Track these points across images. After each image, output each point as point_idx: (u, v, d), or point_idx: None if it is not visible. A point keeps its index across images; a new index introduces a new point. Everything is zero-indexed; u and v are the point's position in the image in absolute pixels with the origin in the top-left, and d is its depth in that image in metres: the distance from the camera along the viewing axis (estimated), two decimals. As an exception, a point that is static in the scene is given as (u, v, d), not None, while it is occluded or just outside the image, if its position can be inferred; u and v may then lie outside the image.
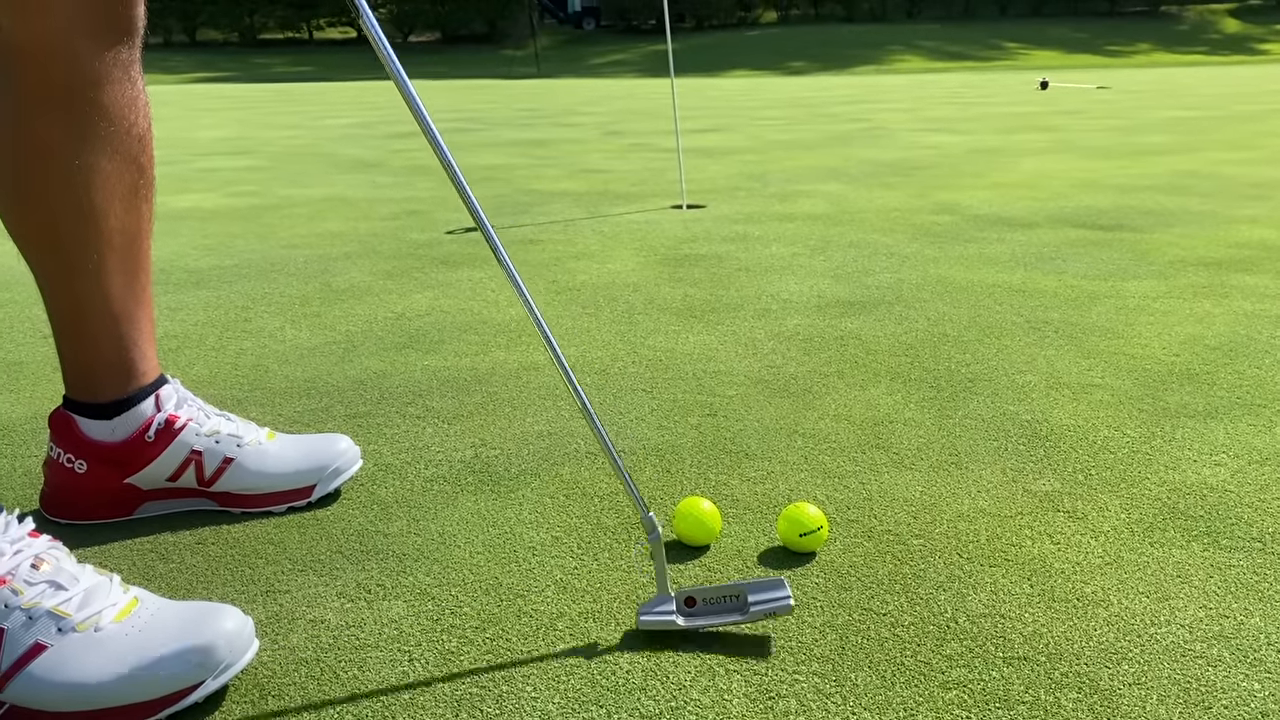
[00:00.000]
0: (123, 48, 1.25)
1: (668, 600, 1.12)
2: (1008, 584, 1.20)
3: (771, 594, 1.12)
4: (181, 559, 1.30)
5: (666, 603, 1.12)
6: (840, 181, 4.88)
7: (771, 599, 1.11)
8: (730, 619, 1.11)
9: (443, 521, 1.38)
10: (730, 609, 1.12)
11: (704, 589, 1.13)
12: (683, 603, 1.12)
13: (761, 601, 1.11)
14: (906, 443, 1.63)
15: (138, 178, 1.32)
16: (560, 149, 6.90)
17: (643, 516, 1.11)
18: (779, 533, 1.29)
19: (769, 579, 1.14)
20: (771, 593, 1.12)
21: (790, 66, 34.46)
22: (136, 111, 1.30)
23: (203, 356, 2.18)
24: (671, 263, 3.05)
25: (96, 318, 1.33)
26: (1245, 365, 1.98)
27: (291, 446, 1.45)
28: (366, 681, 1.04)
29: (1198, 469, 1.51)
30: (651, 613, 1.12)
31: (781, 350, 2.14)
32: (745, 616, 1.11)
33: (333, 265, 3.11)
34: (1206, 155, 5.77)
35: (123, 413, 1.36)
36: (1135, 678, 1.02)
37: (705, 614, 1.12)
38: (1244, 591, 1.17)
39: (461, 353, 2.16)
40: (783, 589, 1.12)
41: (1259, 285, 2.64)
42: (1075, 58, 36.05)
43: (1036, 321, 2.32)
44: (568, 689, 1.02)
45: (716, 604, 1.13)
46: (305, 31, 45.92)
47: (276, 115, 11.70)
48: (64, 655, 0.96)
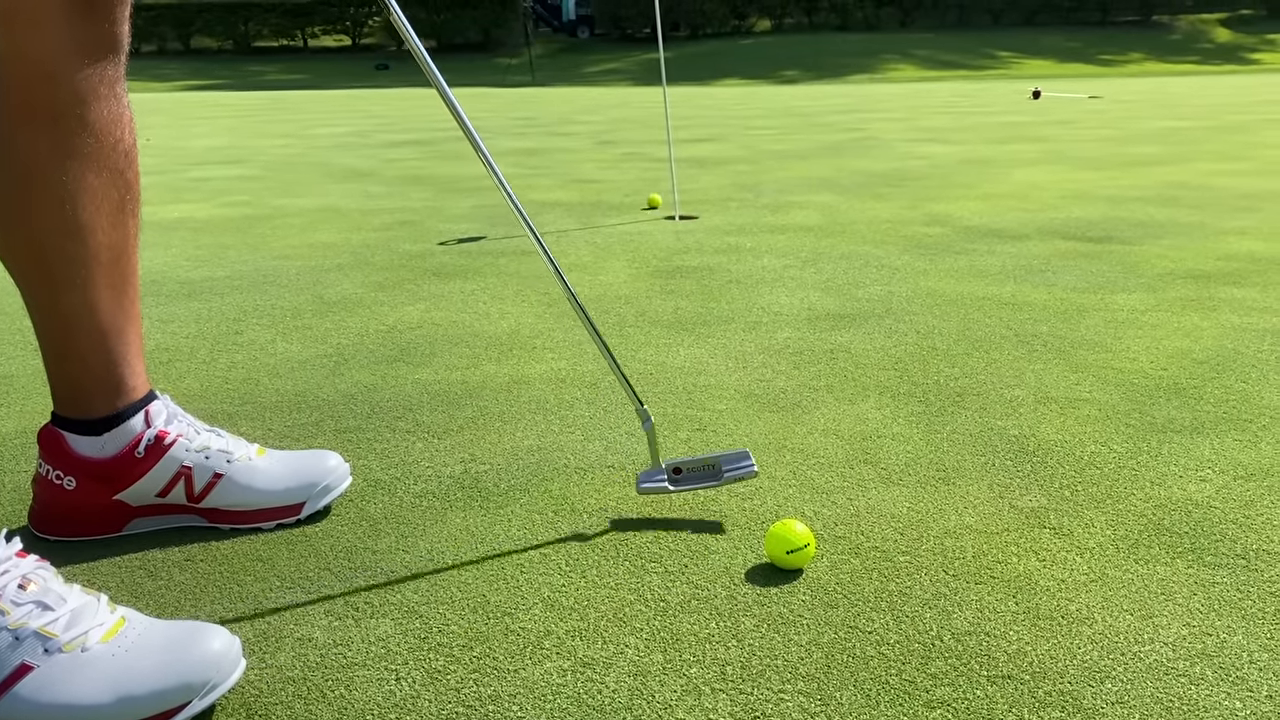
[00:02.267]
0: (108, 65, 1.26)
1: (660, 471, 1.42)
2: (993, 601, 1.20)
3: (739, 464, 1.42)
4: (170, 576, 1.30)
5: (659, 473, 1.42)
6: (833, 192, 4.90)
7: (739, 467, 1.42)
8: (708, 484, 1.42)
9: (431, 538, 1.39)
10: (708, 475, 1.42)
11: (687, 460, 1.44)
12: (671, 471, 1.42)
13: (732, 469, 1.42)
14: (894, 458, 1.64)
15: (124, 193, 1.33)
16: (554, 158, 6.91)
17: (636, 409, 1.39)
18: (766, 550, 1.29)
19: (738, 451, 1.45)
20: (740, 463, 1.42)
21: (784, 75, 34.55)
22: (122, 127, 1.31)
23: (193, 370, 2.18)
24: (663, 275, 3.06)
25: (84, 334, 1.33)
26: (1232, 379, 2.00)
27: (281, 463, 1.46)
28: (353, 700, 1.04)
29: (1183, 485, 1.52)
30: (650, 480, 1.41)
31: (771, 364, 2.15)
32: (719, 481, 1.42)
33: (325, 277, 3.11)
34: (1197, 166, 5.80)
35: (112, 429, 1.36)
36: (1118, 696, 1.03)
37: (688, 480, 1.42)
38: (1227, 609, 1.18)
39: (452, 366, 2.17)
40: (748, 459, 1.42)
41: (1247, 298, 2.65)
42: (1068, 67, 36.19)
43: (1025, 335, 2.34)
44: (554, 708, 1.02)
45: (697, 472, 1.43)
46: (300, 39, 45.95)
47: (270, 124, 11.70)
48: (51, 676, 0.96)
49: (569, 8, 48.98)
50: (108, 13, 1.23)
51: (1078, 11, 46.98)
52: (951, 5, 48.34)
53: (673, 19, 43.17)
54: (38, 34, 1.18)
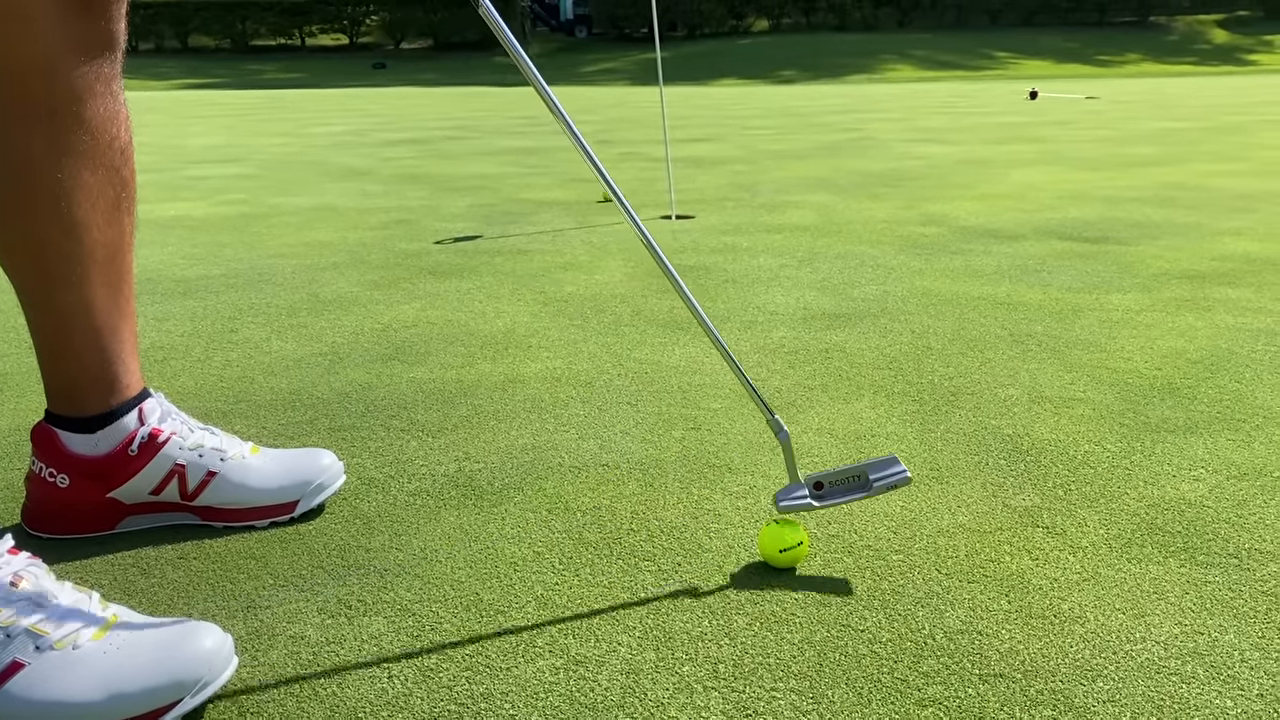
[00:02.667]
0: (105, 63, 1.26)
1: (800, 487, 1.27)
2: (986, 600, 1.21)
3: (888, 470, 1.27)
4: (162, 574, 1.30)
5: (800, 489, 1.27)
6: (829, 192, 4.90)
7: (890, 474, 1.27)
8: (856, 496, 1.28)
9: (425, 537, 1.38)
10: (855, 487, 1.28)
11: (830, 473, 1.29)
12: (813, 486, 1.28)
13: (881, 477, 1.27)
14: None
15: (120, 191, 1.33)
16: (551, 157, 6.91)
17: (769, 420, 1.26)
18: (759, 547, 1.29)
19: (885, 457, 1.29)
20: (888, 469, 1.27)
21: (781, 75, 34.55)
22: (118, 125, 1.31)
23: (188, 368, 2.18)
24: (659, 274, 3.06)
25: (79, 331, 1.33)
26: (1226, 379, 2.00)
27: (275, 461, 1.46)
28: (346, 699, 1.04)
29: (1176, 484, 1.52)
30: (789, 497, 1.27)
31: (767, 363, 2.15)
32: (869, 492, 1.27)
33: (320, 275, 3.11)
34: (1193, 167, 5.80)
35: (106, 426, 1.36)
36: (1110, 695, 1.03)
37: (833, 495, 1.28)
38: (1219, 608, 1.18)
39: (447, 365, 2.17)
40: (898, 464, 1.28)
41: (1241, 298, 2.65)
42: (1065, 67, 36.22)
43: (1020, 334, 2.34)
44: (546, 706, 1.02)
45: (842, 484, 1.28)
46: (297, 38, 45.91)
47: (267, 122, 11.69)
48: (41, 673, 0.96)
49: (566, 7, 48.95)
50: (104, 10, 1.23)
51: (1075, 12, 47.01)
52: (949, 5, 48.36)
53: (670, 19, 43.17)
54: (33, 31, 1.18)
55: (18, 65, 1.19)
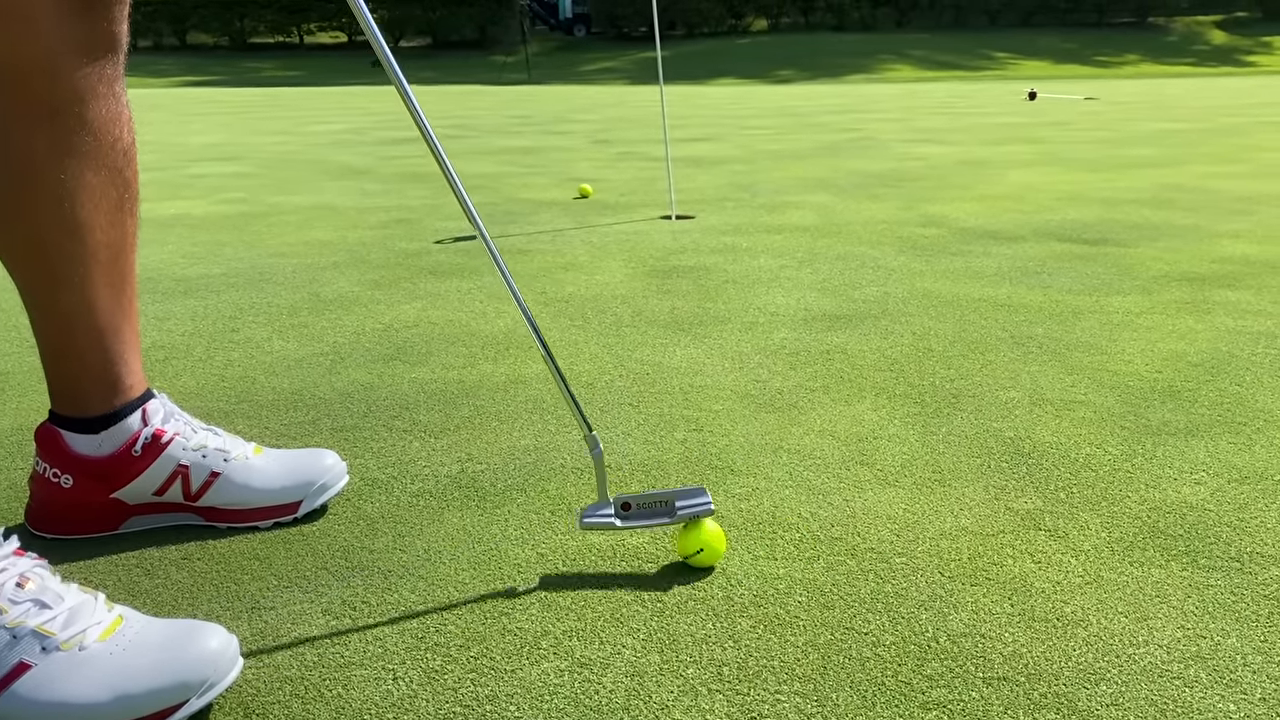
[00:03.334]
0: (107, 63, 1.26)
1: (607, 505, 1.28)
2: (989, 603, 1.21)
3: (695, 500, 1.29)
4: (167, 575, 1.30)
5: (606, 507, 1.28)
6: (829, 192, 4.90)
7: (695, 504, 1.28)
8: (659, 521, 1.28)
9: (428, 538, 1.39)
10: (660, 513, 1.29)
11: (638, 495, 1.29)
12: (620, 507, 1.28)
13: (686, 506, 1.28)
14: (890, 459, 1.64)
15: (123, 191, 1.33)
16: (549, 157, 6.91)
17: (585, 435, 1.26)
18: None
19: (693, 487, 1.31)
20: (695, 499, 1.29)
21: (780, 75, 34.56)
22: (121, 125, 1.31)
23: (190, 367, 2.18)
24: (660, 274, 3.06)
25: (82, 332, 1.33)
26: (1226, 382, 2.00)
27: (278, 462, 1.46)
28: (351, 700, 1.04)
29: (1178, 487, 1.53)
30: (594, 515, 1.27)
31: (768, 364, 2.15)
32: (673, 520, 1.28)
33: (321, 275, 3.11)
34: (1192, 169, 5.81)
35: (109, 427, 1.36)
36: (1113, 698, 1.03)
37: (639, 517, 1.28)
38: (1221, 612, 1.19)
39: (449, 365, 2.17)
40: (704, 495, 1.29)
41: (1241, 301, 2.66)
42: (1064, 68, 36.24)
43: (1021, 337, 2.34)
44: (551, 708, 1.03)
45: (648, 509, 1.29)
46: (296, 36, 45.88)
47: (266, 120, 11.68)
48: (48, 674, 0.96)
49: (565, 6, 48.92)
50: (106, 11, 1.23)
51: (1074, 13, 47.02)
52: (948, 6, 48.37)
53: (669, 18, 43.14)
54: (35, 31, 1.18)
55: (20, 66, 1.19)
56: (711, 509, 1.28)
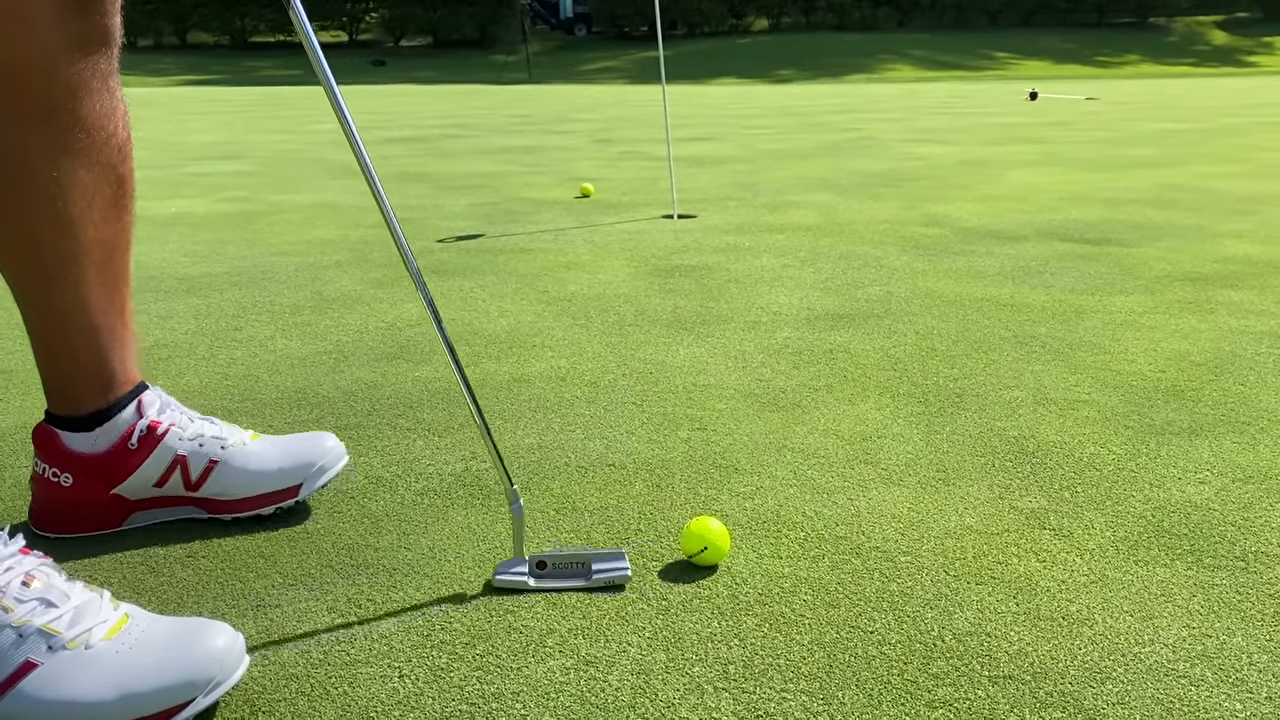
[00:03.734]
0: (101, 59, 1.25)
1: (522, 562, 1.26)
2: (994, 602, 1.21)
3: (612, 564, 1.25)
4: (172, 572, 1.30)
5: (521, 564, 1.26)
6: (831, 192, 4.90)
7: (612, 569, 1.25)
8: (574, 583, 1.24)
9: (433, 536, 1.39)
10: (576, 574, 1.25)
11: (554, 554, 1.26)
12: (535, 566, 1.25)
13: (603, 570, 1.25)
14: (895, 458, 1.64)
15: (117, 188, 1.32)
16: (550, 156, 6.91)
17: (506, 489, 1.24)
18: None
19: (612, 550, 1.29)
20: (612, 563, 1.26)
21: (781, 75, 34.56)
22: (115, 121, 1.30)
23: (193, 366, 2.18)
24: (662, 273, 3.06)
25: (76, 330, 1.32)
26: (1230, 382, 2.00)
27: (275, 446, 1.45)
28: (357, 698, 1.04)
29: (1182, 486, 1.53)
30: (507, 572, 1.25)
31: (771, 363, 2.15)
32: (588, 582, 1.24)
33: (323, 273, 3.11)
34: (1193, 169, 5.81)
35: (103, 423, 1.36)
36: (1119, 697, 1.03)
37: (553, 577, 1.25)
38: (1227, 611, 1.19)
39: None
40: (622, 560, 1.26)
41: (1244, 301, 2.66)
42: (1064, 68, 36.24)
43: (1024, 336, 2.34)
44: (557, 705, 1.03)
45: (564, 569, 1.26)
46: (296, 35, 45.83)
47: (267, 119, 11.68)
48: (54, 673, 0.96)
49: (566, 5, 48.92)
50: (99, 6, 1.22)
51: (1074, 13, 47.02)
52: (949, 6, 48.37)
53: (670, 17, 43.13)
54: (29, 29, 1.17)
55: (18, 65, 1.19)
56: (628, 575, 1.24)
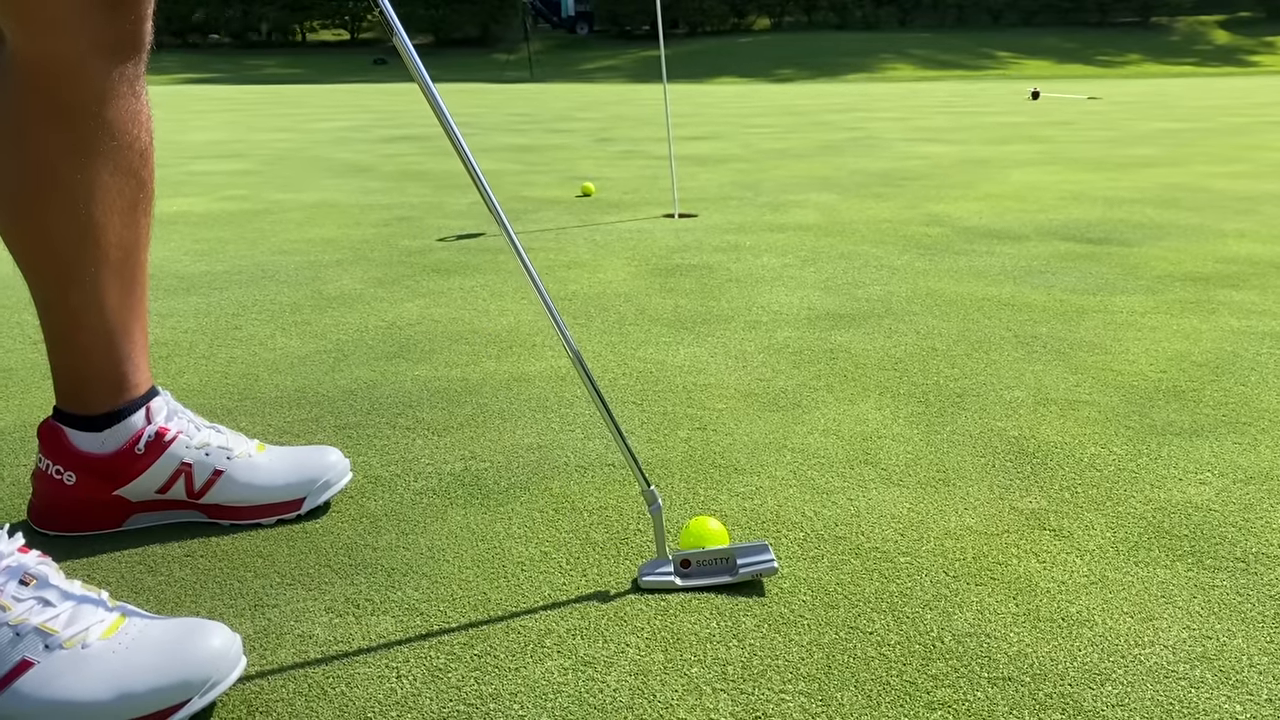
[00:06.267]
0: (129, 63, 1.25)
1: (666, 563, 1.24)
2: (993, 603, 1.21)
3: (757, 557, 1.24)
4: (170, 572, 1.30)
5: (665, 564, 1.24)
6: (832, 191, 4.90)
7: (758, 561, 1.24)
8: (721, 579, 1.23)
9: (432, 535, 1.38)
10: (721, 570, 1.24)
11: (697, 552, 1.25)
12: (679, 564, 1.24)
13: (749, 564, 1.24)
14: (895, 458, 1.64)
15: (138, 191, 1.33)
16: (551, 155, 6.90)
17: (643, 490, 1.23)
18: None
19: (755, 543, 1.26)
20: (757, 555, 1.25)
21: (782, 74, 34.54)
22: (139, 126, 1.30)
23: (193, 365, 2.18)
24: (663, 273, 3.06)
25: (90, 330, 1.33)
26: (1231, 383, 2.00)
27: (281, 459, 1.45)
28: (354, 698, 1.04)
29: (1183, 487, 1.52)
30: (653, 573, 1.23)
31: (771, 363, 2.15)
32: (734, 576, 1.23)
33: (324, 272, 3.10)
34: (1195, 168, 5.80)
35: (113, 425, 1.36)
36: (1118, 699, 1.03)
37: (699, 574, 1.24)
38: (1227, 612, 1.18)
39: (452, 363, 2.16)
40: (767, 552, 1.24)
41: (1246, 301, 2.65)
42: (1066, 67, 36.21)
43: (1025, 336, 2.34)
44: (555, 706, 1.02)
45: (709, 565, 1.25)
46: (298, 33, 45.88)
47: (268, 118, 11.68)
48: (51, 672, 0.96)
49: (568, 4, 48.92)
50: (130, 11, 1.22)
51: (1076, 12, 46.98)
52: (951, 5, 48.34)
53: (671, 16, 43.12)
54: (60, 32, 1.17)
55: (46, 66, 1.19)
56: (775, 567, 1.23)
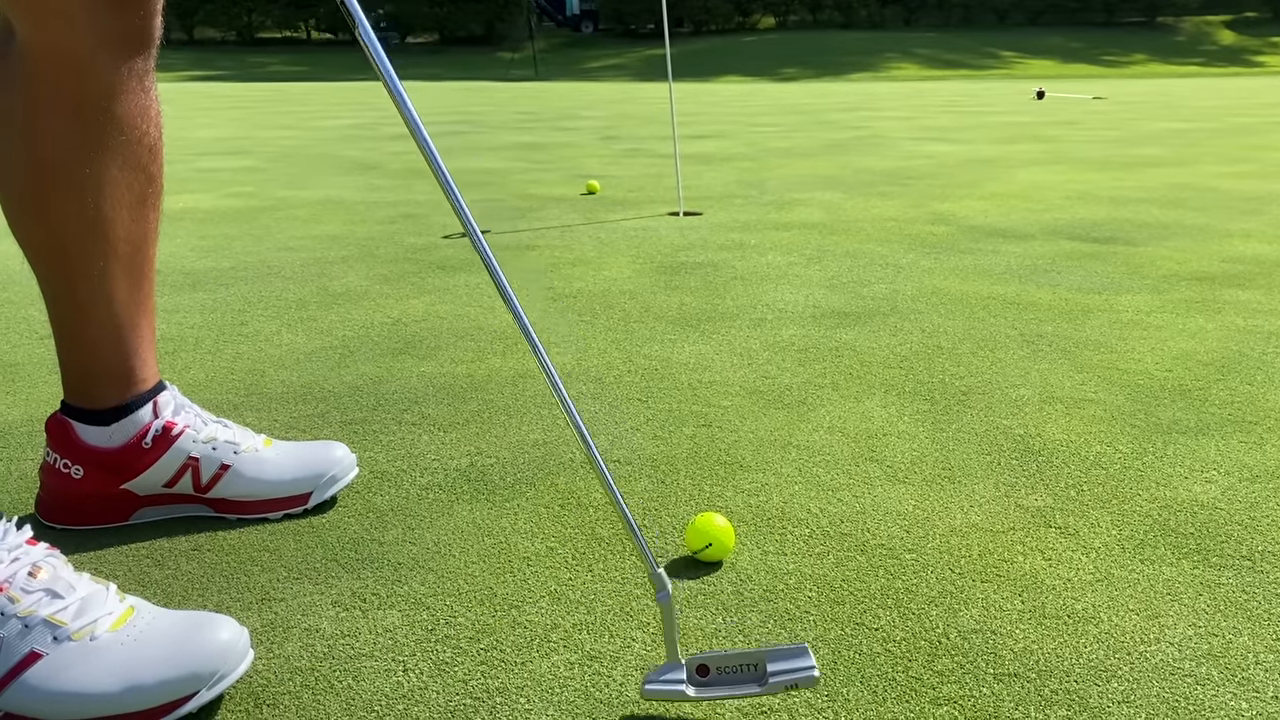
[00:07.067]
0: (138, 58, 1.26)
1: (678, 668, 1.02)
2: (999, 600, 1.21)
3: (794, 663, 1.01)
4: (177, 565, 1.30)
5: (676, 670, 1.01)
6: (837, 190, 4.90)
7: (794, 668, 1.01)
8: (747, 690, 1.01)
9: (438, 530, 1.39)
10: (747, 679, 1.02)
11: (718, 655, 1.02)
12: (694, 671, 1.02)
13: (782, 671, 1.01)
14: (900, 456, 1.64)
15: (146, 186, 1.33)
16: (556, 153, 6.91)
17: (651, 574, 1.02)
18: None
19: (792, 646, 1.03)
20: (794, 661, 1.01)
21: (786, 73, 34.52)
22: (148, 121, 1.31)
23: (199, 360, 2.18)
24: (668, 270, 3.06)
25: (99, 324, 1.33)
26: (1237, 381, 2.00)
27: (288, 454, 1.46)
28: (361, 691, 1.04)
29: (1189, 486, 1.52)
30: (659, 681, 1.01)
31: (776, 360, 2.15)
32: (764, 688, 1.00)
33: (329, 269, 3.11)
34: (1201, 168, 5.79)
35: (121, 419, 1.36)
36: (1124, 695, 1.03)
37: (719, 684, 1.02)
38: (1233, 610, 1.18)
39: (458, 359, 2.17)
40: (807, 657, 1.01)
41: (1252, 300, 2.65)
42: (1071, 67, 36.16)
43: (1030, 335, 2.34)
44: (561, 701, 1.03)
45: (732, 673, 1.02)
46: (303, 31, 45.93)
47: (273, 115, 11.69)
48: (59, 664, 0.96)
49: (573, 2, 48.92)
50: (139, 7, 1.23)
51: (1082, 11, 46.89)
52: (956, 4, 48.29)
53: (676, 15, 43.12)
54: (70, 27, 1.18)
55: (55, 60, 1.19)
56: (816, 677, 1.00)
